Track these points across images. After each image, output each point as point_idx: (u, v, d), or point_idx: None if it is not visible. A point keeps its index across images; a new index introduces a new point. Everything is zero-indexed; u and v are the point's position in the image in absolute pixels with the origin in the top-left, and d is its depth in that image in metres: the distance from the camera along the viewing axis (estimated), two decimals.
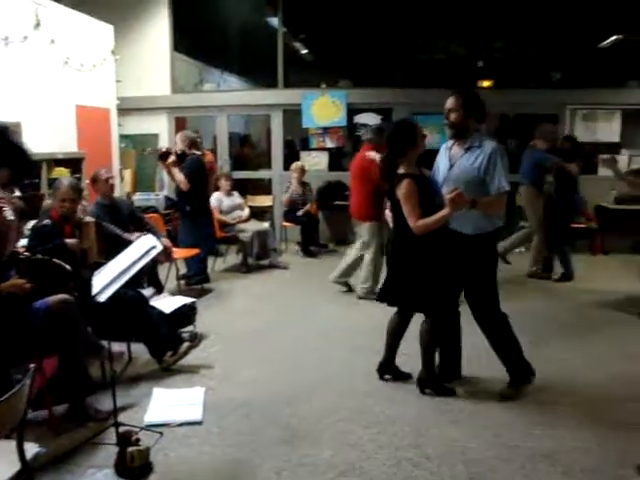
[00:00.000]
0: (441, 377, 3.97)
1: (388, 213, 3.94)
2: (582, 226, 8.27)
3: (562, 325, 5.29)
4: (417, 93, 9.15)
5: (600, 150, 8.64)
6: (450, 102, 3.69)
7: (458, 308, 3.94)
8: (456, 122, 3.67)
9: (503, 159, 3.60)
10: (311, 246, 8.61)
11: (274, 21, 9.62)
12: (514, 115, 9.51)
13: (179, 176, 6.40)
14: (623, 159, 8.37)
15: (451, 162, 3.74)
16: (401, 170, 3.68)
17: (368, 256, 6.10)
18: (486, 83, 9.92)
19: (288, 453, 3.16)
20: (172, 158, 6.45)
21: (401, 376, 4.10)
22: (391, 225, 3.92)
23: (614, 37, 9.75)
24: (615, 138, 8.87)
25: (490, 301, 3.78)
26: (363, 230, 6.12)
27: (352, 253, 6.27)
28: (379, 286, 6.15)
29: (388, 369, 4.10)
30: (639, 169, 7.22)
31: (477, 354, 4.25)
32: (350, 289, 6.39)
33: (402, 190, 3.58)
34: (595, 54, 9.83)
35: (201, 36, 10.38)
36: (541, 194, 6.82)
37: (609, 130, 8.70)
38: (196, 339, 4.68)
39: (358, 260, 6.21)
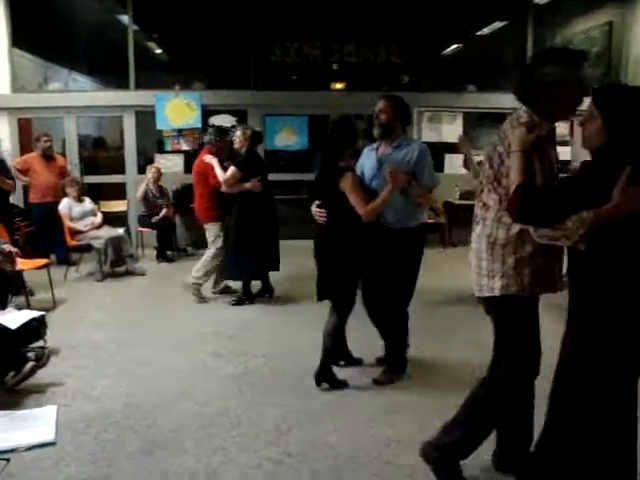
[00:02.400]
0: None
1: (315, 209, 3.98)
2: (431, 221, 8.74)
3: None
4: (271, 95, 9.26)
5: (445, 149, 9.25)
6: (380, 104, 3.97)
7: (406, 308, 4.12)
8: (385, 122, 3.94)
9: (430, 157, 3.94)
10: (168, 251, 8.43)
11: (125, 19, 9.29)
12: (367, 116, 9.85)
13: (8, 182, 6.54)
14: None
15: (380, 160, 3.97)
16: (342, 164, 3.85)
17: (210, 252, 6.18)
18: (339, 85, 10.25)
19: (150, 464, 3.09)
20: None
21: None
22: (320, 220, 3.93)
23: (455, 45, 10.44)
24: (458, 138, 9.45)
25: (406, 296, 4.05)
26: (208, 232, 6.23)
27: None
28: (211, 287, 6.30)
29: (325, 375, 4.02)
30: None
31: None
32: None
33: (348, 182, 3.75)
34: (439, 61, 10.47)
35: (45, 33, 9.73)
36: None
37: (452, 131, 9.26)
38: (44, 356, 4.36)
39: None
